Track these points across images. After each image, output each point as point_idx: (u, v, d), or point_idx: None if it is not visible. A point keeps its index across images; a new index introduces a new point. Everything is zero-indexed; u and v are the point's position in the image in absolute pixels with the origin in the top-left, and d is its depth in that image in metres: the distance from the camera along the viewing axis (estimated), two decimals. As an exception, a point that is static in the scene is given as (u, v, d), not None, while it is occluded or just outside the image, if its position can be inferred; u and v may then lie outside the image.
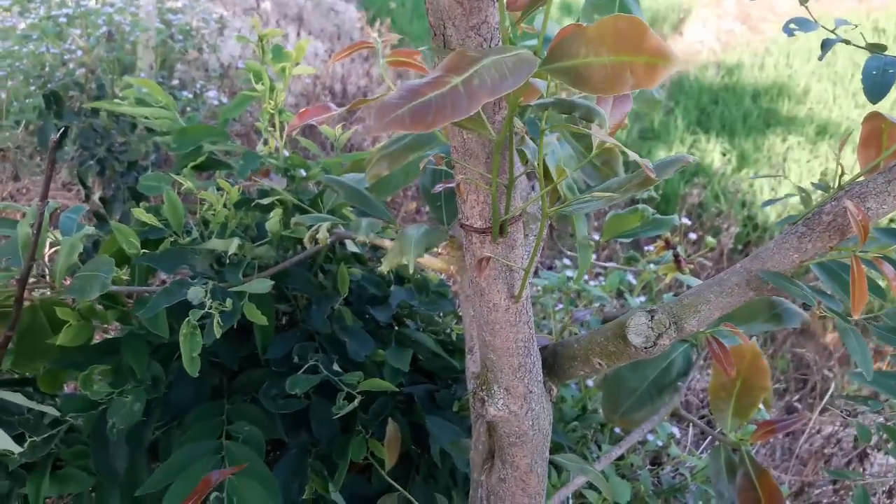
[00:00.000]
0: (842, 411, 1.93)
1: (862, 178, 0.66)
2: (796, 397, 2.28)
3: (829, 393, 2.01)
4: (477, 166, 0.63)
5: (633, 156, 0.54)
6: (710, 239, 1.71)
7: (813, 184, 0.71)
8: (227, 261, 1.02)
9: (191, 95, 2.32)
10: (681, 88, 5.12)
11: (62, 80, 2.16)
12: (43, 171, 2.46)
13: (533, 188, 0.96)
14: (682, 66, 5.77)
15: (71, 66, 2.27)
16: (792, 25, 0.77)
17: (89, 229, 0.91)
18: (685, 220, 2.01)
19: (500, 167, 0.63)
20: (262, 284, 0.96)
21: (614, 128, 0.60)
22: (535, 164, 0.61)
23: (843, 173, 0.65)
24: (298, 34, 3.98)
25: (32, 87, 2.32)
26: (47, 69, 2.33)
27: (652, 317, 0.68)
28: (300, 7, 4.68)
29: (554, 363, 0.80)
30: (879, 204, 0.62)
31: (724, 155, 4.17)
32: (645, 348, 0.69)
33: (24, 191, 2.28)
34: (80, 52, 2.22)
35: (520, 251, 0.69)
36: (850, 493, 1.83)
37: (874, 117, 0.68)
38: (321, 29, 4.54)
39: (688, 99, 4.89)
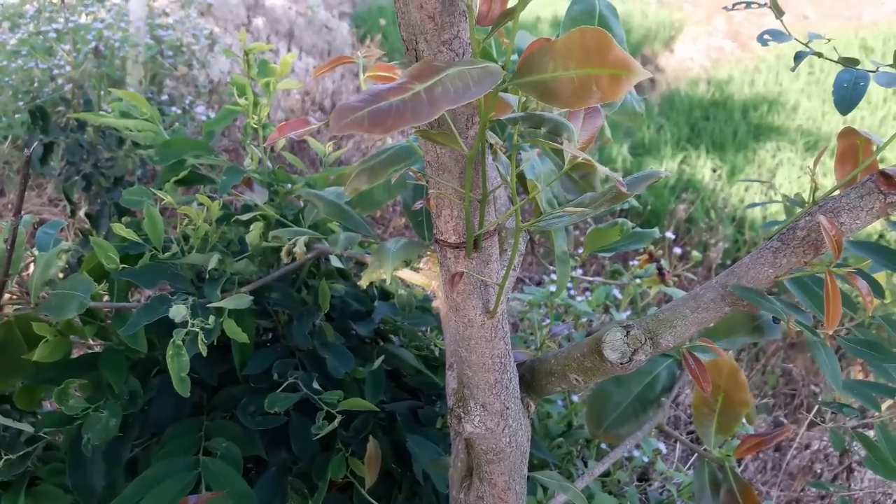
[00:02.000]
0: (822, 420, 1.92)
1: (836, 193, 0.66)
2: (784, 412, 2.28)
3: (817, 408, 2.01)
4: (450, 181, 0.63)
5: (603, 170, 0.54)
6: (695, 253, 1.71)
7: (788, 199, 0.71)
8: (208, 276, 1.01)
9: (179, 111, 2.32)
10: (671, 104, 5.14)
11: (50, 95, 2.16)
12: (31, 186, 2.45)
13: (512, 202, 0.96)
14: (672, 82, 5.81)
15: (59, 81, 2.27)
16: (766, 36, 0.78)
17: (66, 245, 0.91)
18: (669, 235, 2.01)
19: (473, 182, 0.63)
20: (241, 300, 0.95)
21: (586, 142, 0.60)
22: (509, 179, 0.61)
23: (816, 188, 0.65)
24: (289, 50, 3.99)
25: (21, 103, 2.32)
26: (36, 84, 2.33)
27: (627, 332, 0.68)
28: (292, 23, 4.70)
29: (531, 379, 0.79)
30: (853, 219, 0.62)
31: (714, 171, 4.19)
32: (621, 364, 0.68)
33: (10, 206, 2.27)
34: (68, 68, 2.22)
35: (495, 266, 0.69)
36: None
37: (849, 133, 0.69)
38: (312, 45, 4.56)
39: (678, 115, 4.92)
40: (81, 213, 1.80)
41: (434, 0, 0.53)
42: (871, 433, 1.05)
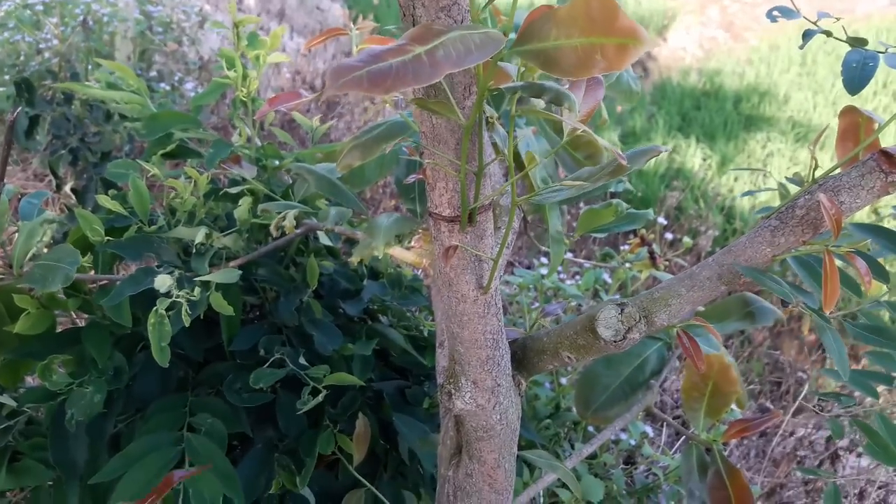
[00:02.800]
0: (815, 408, 1.93)
1: (836, 172, 0.65)
2: (769, 399, 2.29)
3: (803, 395, 2.02)
4: (446, 153, 0.61)
5: (604, 143, 0.53)
6: (686, 239, 1.71)
7: (787, 178, 0.70)
8: (194, 250, 0.99)
9: (168, 87, 2.29)
10: (663, 93, 5.14)
11: (37, 68, 2.12)
12: (16, 160, 2.41)
13: (507, 179, 0.95)
14: (664, 71, 5.80)
15: (46, 55, 2.23)
16: (775, 13, 0.77)
17: (51, 215, 0.89)
18: (661, 221, 2.01)
19: (469, 154, 0.61)
20: (229, 274, 0.94)
21: (587, 114, 0.59)
22: (506, 151, 0.60)
23: (816, 167, 0.65)
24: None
25: (6, 76, 2.27)
26: (22, 58, 2.29)
27: (622, 310, 0.67)
28: (283, 3, 4.65)
29: (523, 357, 0.78)
30: (853, 198, 0.61)
31: (704, 160, 4.19)
32: (614, 342, 0.67)
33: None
34: (55, 41, 2.18)
35: (489, 241, 0.67)
36: (822, 494, 1.83)
37: (850, 111, 0.68)
38: (304, 25, 4.51)
39: (670, 104, 4.91)
40: (67, 188, 1.77)
41: (433, -37, 0.51)
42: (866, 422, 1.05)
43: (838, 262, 0.72)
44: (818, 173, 0.65)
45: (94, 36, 2.24)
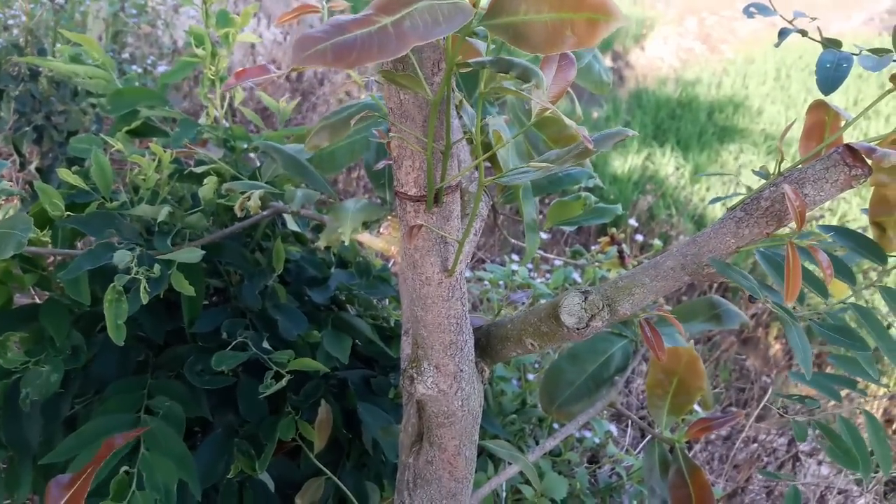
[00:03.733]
0: (780, 411, 1.95)
1: (802, 166, 0.66)
2: (734, 405, 2.31)
3: (766, 399, 2.04)
4: (413, 129, 0.60)
5: (571, 124, 0.52)
6: (657, 241, 1.72)
7: (754, 171, 0.70)
8: (157, 229, 0.97)
9: (140, 70, 2.25)
10: (639, 102, 5.18)
11: (3, 45, 2.08)
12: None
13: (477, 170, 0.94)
14: (641, 80, 5.85)
15: (15, 32, 2.18)
16: (752, 9, 0.77)
17: (7, 185, 0.86)
18: (632, 222, 2.02)
19: (437, 132, 0.61)
20: (191, 253, 0.92)
21: (557, 95, 0.58)
22: (474, 130, 0.59)
23: (783, 159, 0.65)
24: (257, 16, 3.91)
25: (-28, 52, 2.22)
26: (-10, 34, 2.23)
27: (585, 297, 0.67)
28: (262, -7, 4.61)
29: (487, 343, 0.78)
30: (817, 191, 0.61)
31: (677, 168, 4.23)
32: (577, 329, 0.67)
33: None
34: (24, 18, 2.14)
35: (455, 223, 0.67)
36: (783, 498, 1.85)
37: (818, 106, 0.68)
38: (280, 14, 4.46)
39: (644, 113, 4.95)
40: (31, 167, 1.73)
41: (404, -69, 0.50)
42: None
43: (808, 265, 0.73)
44: (784, 167, 0.65)
45: (66, 14, 2.20)
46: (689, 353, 1.05)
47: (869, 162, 0.59)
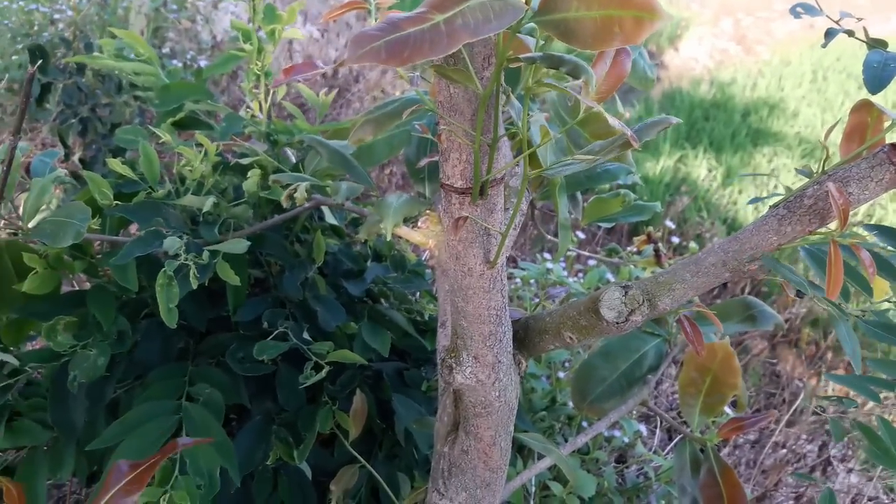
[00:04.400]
0: (817, 409, 1.93)
1: (846, 165, 0.66)
2: (765, 409, 2.30)
3: (797, 403, 2.02)
4: (462, 123, 0.62)
5: (612, 120, 0.53)
6: (692, 244, 1.71)
7: (797, 169, 0.71)
8: (202, 219, 1.00)
9: (180, 65, 2.29)
10: (672, 102, 5.14)
11: (50, 39, 2.13)
12: (24, 129, 2.41)
13: (519, 164, 0.95)
14: (675, 80, 5.80)
15: (60, 26, 2.24)
16: (798, 9, 0.77)
17: (62, 172, 0.89)
18: (669, 224, 2.01)
19: (485, 125, 0.62)
20: (238, 244, 0.94)
21: (607, 92, 0.59)
22: (520, 124, 0.60)
23: (828, 157, 0.65)
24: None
25: (19, 45, 2.28)
26: (36, 28, 2.29)
27: (626, 292, 0.68)
28: (299, -9, 4.65)
29: (525, 336, 0.79)
30: (861, 189, 0.61)
31: (710, 171, 4.20)
32: (617, 323, 0.68)
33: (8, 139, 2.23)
34: (70, 13, 2.19)
35: (499, 216, 0.68)
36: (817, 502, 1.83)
37: (863, 106, 0.68)
38: (319, 13, 4.51)
39: (679, 113, 4.91)
40: (75, 158, 1.78)
41: (458, -71, 0.52)
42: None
43: (851, 262, 0.73)
44: (828, 164, 0.65)
45: (109, 9, 2.25)
46: (724, 349, 1.05)
47: (915, 162, 0.59)
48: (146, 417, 0.96)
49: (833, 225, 0.62)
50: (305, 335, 1.01)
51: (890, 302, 0.80)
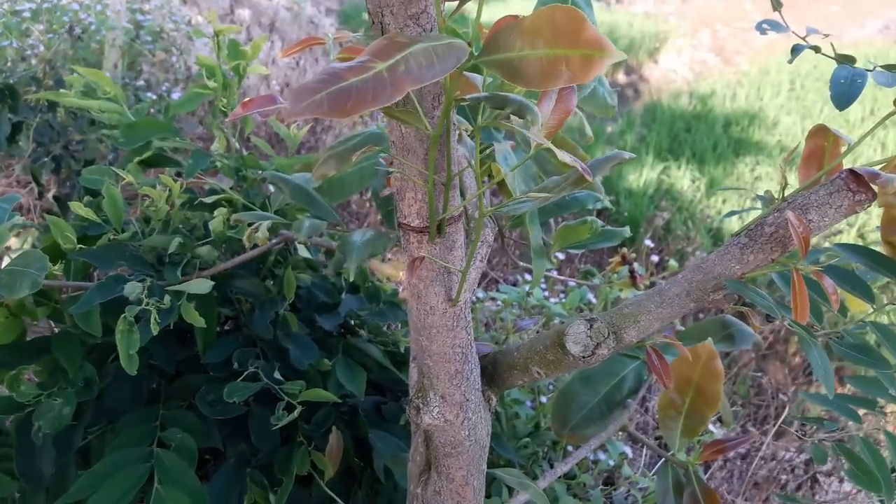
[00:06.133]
0: (797, 433, 1.92)
1: (806, 192, 0.65)
2: (753, 422, 2.28)
3: (783, 417, 2.01)
4: (415, 162, 0.61)
5: (563, 156, 0.52)
6: (672, 262, 1.71)
7: (758, 196, 0.70)
8: (168, 259, 0.98)
9: (155, 97, 2.28)
10: (654, 115, 5.17)
11: (23, 74, 2.12)
12: (1, 167, 2.39)
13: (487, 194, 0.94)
14: (655, 93, 5.84)
15: (33, 61, 2.22)
16: (765, 26, 0.77)
17: (20, 219, 0.88)
18: (648, 243, 2.00)
19: (438, 164, 0.61)
20: (201, 284, 0.92)
21: (555, 126, 0.58)
22: (473, 162, 0.59)
23: (786, 185, 0.64)
24: (270, 42, 3.95)
25: (-8, 81, 2.26)
26: (9, 63, 2.28)
27: (591, 325, 0.67)
28: (276, 17, 4.66)
29: (494, 371, 0.77)
30: (821, 216, 0.61)
31: (693, 182, 4.21)
32: (583, 357, 0.67)
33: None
34: (42, 48, 2.18)
35: (459, 253, 0.67)
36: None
37: (818, 132, 0.68)
38: (295, 38, 4.52)
39: (660, 126, 4.94)
40: (49, 195, 1.76)
41: (400, -29, 0.51)
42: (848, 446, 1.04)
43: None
44: (788, 192, 0.65)
45: (83, 44, 2.24)
46: (708, 351, 1.02)
47: (874, 187, 0.59)
48: (117, 467, 0.93)
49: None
50: (277, 374, 0.99)
51: (864, 322, 0.79)
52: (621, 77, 6.25)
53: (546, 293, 1.94)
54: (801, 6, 7.54)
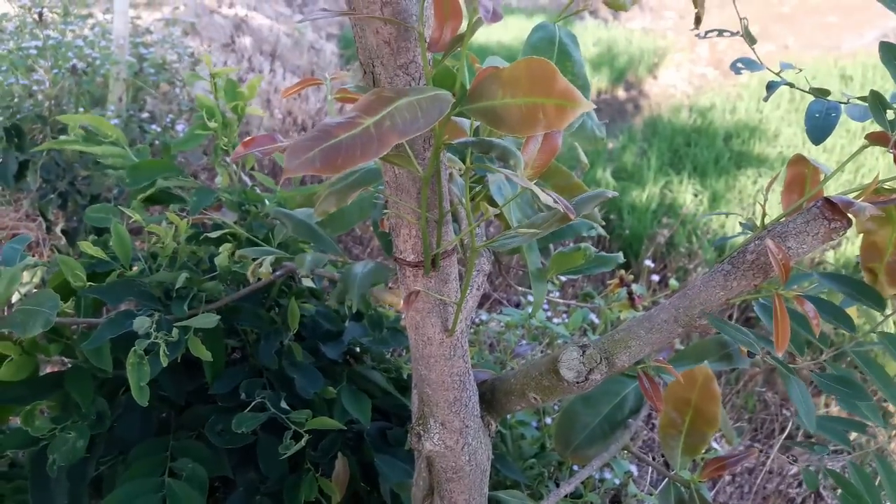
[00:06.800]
0: (790, 459, 1.93)
1: (784, 220, 0.68)
2: (759, 436, 2.29)
3: (787, 432, 2.02)
4: (408, 201, 0.64)
5: (543, 197, 0.55)
6: (673, 282, 1.73)
7: (741, 223, 0.73)
8: (175, 294, 1.01)
9: (159, 129, 2.33)
10: (654, 130, 5.20)
11: (30, 111, 2.16)
12: (8, 201, 2.44)
13: (477, 225, 0.97)
14: (655, 108, 5.88)
15: (39, 97, 2.27)
16: (739, 65, 0.80)
17: (32, 260, 0.91)
18: (648, 263, 2.02)
19: (431, 202, 0.64)
20: (207, 319, 0.95)
21: (541, 166, 0.61)
22: (464, 200, 0.62)
23: (765, 214, 0.67)
24: (272, 70, 4.01)
25: (0, 118, 2.31)
26: (16, 100, 2.32)
27: (583, 352, 0.69)
28: (278, 44, 4.73)
29: (492, 397, 0.80)
30: (799, 243, 0.63)
31: (695, 195, 4.23)
32: (577, 383, 0.69)
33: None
34: (48, 84, 2.22)
35: (453, 285, 0.69)
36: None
37: (798, 161, 0.70)
38: (297, 66, 4.58)
39: (661, 141, 4.97)
40: (58, 229, 1.79)
41: (389, 26, 0.54)
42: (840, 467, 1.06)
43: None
44: (768, 220, 0.67)
45: (87, 79, 2.29)
46: (704, 373, 1.04)
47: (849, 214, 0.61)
48: (130, 497, 0.96)
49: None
50: (283, 404, 1.02)
51: (847, 351, 0.81)
52: (621, 93, 6.30)
53: (549, 313, 1.96)
54: (800, 18, 7.60)
